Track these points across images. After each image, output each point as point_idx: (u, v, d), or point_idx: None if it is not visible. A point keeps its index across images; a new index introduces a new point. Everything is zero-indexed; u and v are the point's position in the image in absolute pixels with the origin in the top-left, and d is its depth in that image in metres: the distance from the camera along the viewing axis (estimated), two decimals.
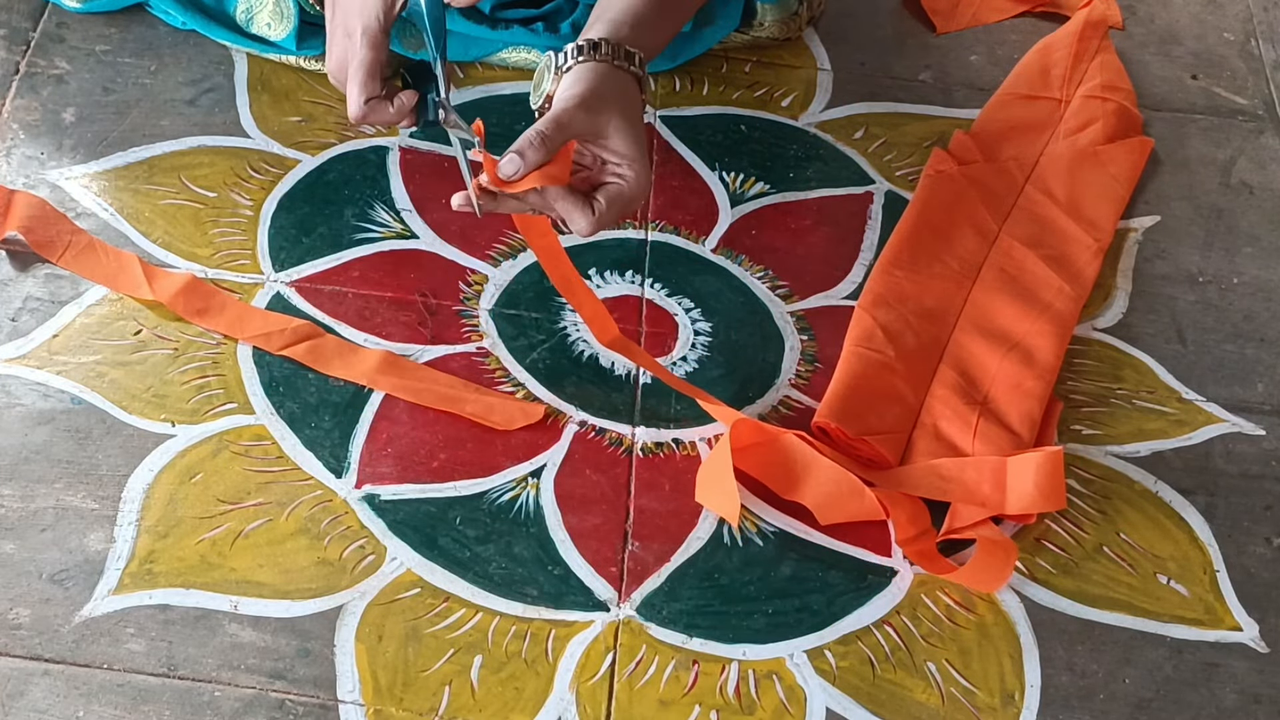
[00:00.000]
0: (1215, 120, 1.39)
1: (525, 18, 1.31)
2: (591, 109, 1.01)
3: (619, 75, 1.04)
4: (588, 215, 1.01)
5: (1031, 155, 1.30)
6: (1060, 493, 1.05)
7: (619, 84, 1.04)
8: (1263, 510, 1.10)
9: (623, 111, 1.02)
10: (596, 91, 1.02)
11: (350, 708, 0.93)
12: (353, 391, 1.08)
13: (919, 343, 1.14)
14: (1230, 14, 1.50)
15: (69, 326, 1.09)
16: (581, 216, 1.01)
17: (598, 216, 1.02)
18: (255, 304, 1.12)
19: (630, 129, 1.02)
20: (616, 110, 1.02)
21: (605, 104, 1.02)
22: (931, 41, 1.43)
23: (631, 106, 1.04)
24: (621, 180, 1.02)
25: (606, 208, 1.02)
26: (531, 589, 0.99)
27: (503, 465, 1.05)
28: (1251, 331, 1.22)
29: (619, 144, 1.02)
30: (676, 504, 1.05)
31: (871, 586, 1.02)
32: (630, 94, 1.05)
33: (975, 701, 0.97)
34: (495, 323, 1.14)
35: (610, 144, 1.02)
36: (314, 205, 1.19)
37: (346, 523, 1.01)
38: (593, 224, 1.02)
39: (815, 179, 1.28)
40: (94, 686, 0.92)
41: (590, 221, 1.01)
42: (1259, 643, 1.03)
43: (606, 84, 1.03)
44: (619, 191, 1.02)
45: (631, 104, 1.04)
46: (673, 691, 0.96)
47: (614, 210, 1.02)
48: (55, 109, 1.23)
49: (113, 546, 0.98)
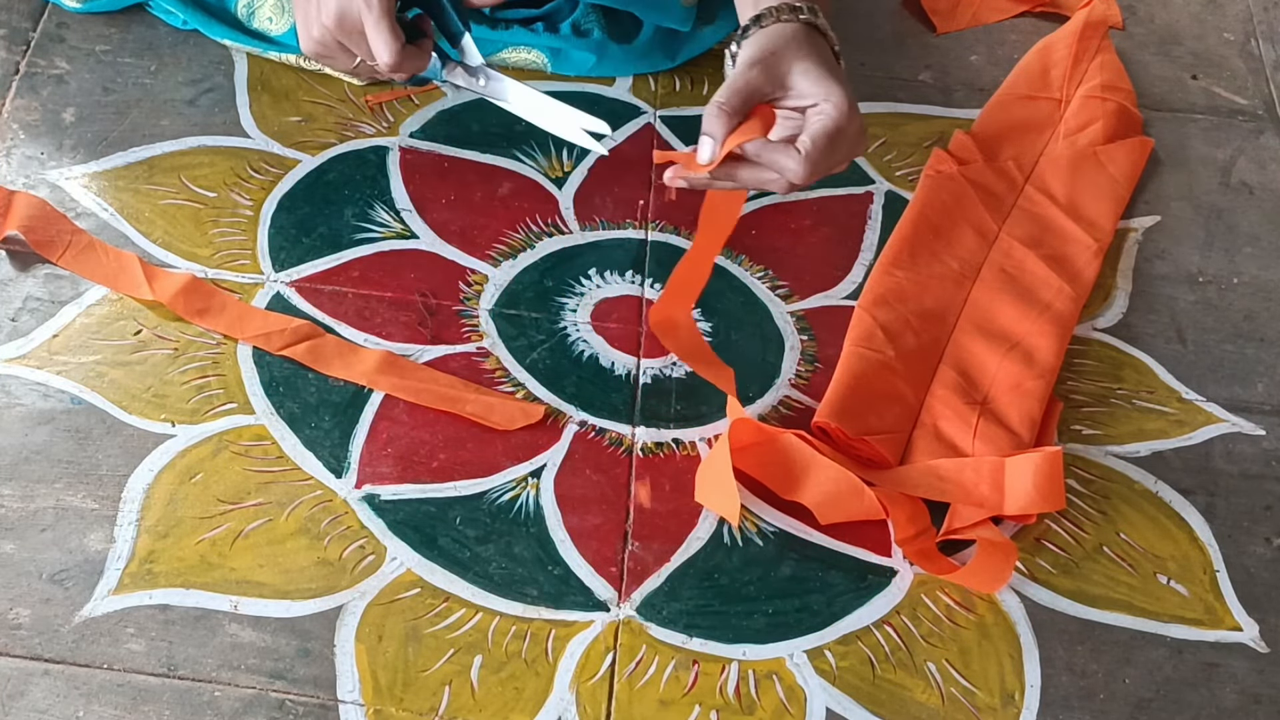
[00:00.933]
0: (1215, 120, 1.39)
1: (525, 18, 1.31)
2: (765, 65, 0.98)
3: (788, 28, 1.00)
4: (794, 156, 0.96)
5: (1031, 155, 1.30)
6: (1059, 493, 1.05)
7: (791, 35, 1.00)
8: (1263, 510, 1.10)
9: (804, 58, 0.99)
10: (766, 48, 0.99)
11: (350, 708, 0.93)
12: (353, 391, 1.08)
13: (919, 343, 1.14)
14: (1230, 14, 1.50)
15: (69, 326, 1.09)
16: (789, 159, 0.96)
17: (805, 155, 0.96)
18: (255, 304, 1.12)
19: (815, 69, 0.98)
20: (794, 59, 0.99)
21: (779, 58, 0.99)
22: (931, 41, 1.43)
23: (814, 52, 1.00)
24: (822, 116, 0.98)
25: (812, 146, 0.97)
26: (531, 589, 0.99)
27: (503, 465, 1.06)
28: (1251, 331, 1.22)
29: (806, 86, 0.98)
30: (676, 504, 1.05)
31: (871, 586, 1.03)
32: (809, 41, 1.00)
33: (975, 701, 0.97)
34: (495, 323, 1.14)
35: (797, 91, 0.98)
36: (314, 205, 1.19)
37: (346, 523, 1.01)
38: (804, 164, 0.97)
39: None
40: (94, 686, 0.92)
41: (800, 161, 0.97)
42: (1259, 643, 1.03)
43: (776, 39, 1.00)
44: (823, 126, 0.97)
45: (813, 50, 1.00)
46: (673, 691, 0.96)
47: (824, 146, 0.97)
48: (55, 109, 1.23)
49: (113, 546, 0.98)
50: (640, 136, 1.28)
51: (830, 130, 0.97)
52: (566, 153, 1.25)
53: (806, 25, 1.01)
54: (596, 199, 1.23)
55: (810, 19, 1.02)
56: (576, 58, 1.31)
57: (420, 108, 1.27)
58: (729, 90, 0.97)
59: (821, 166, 0.97)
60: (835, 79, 0.99)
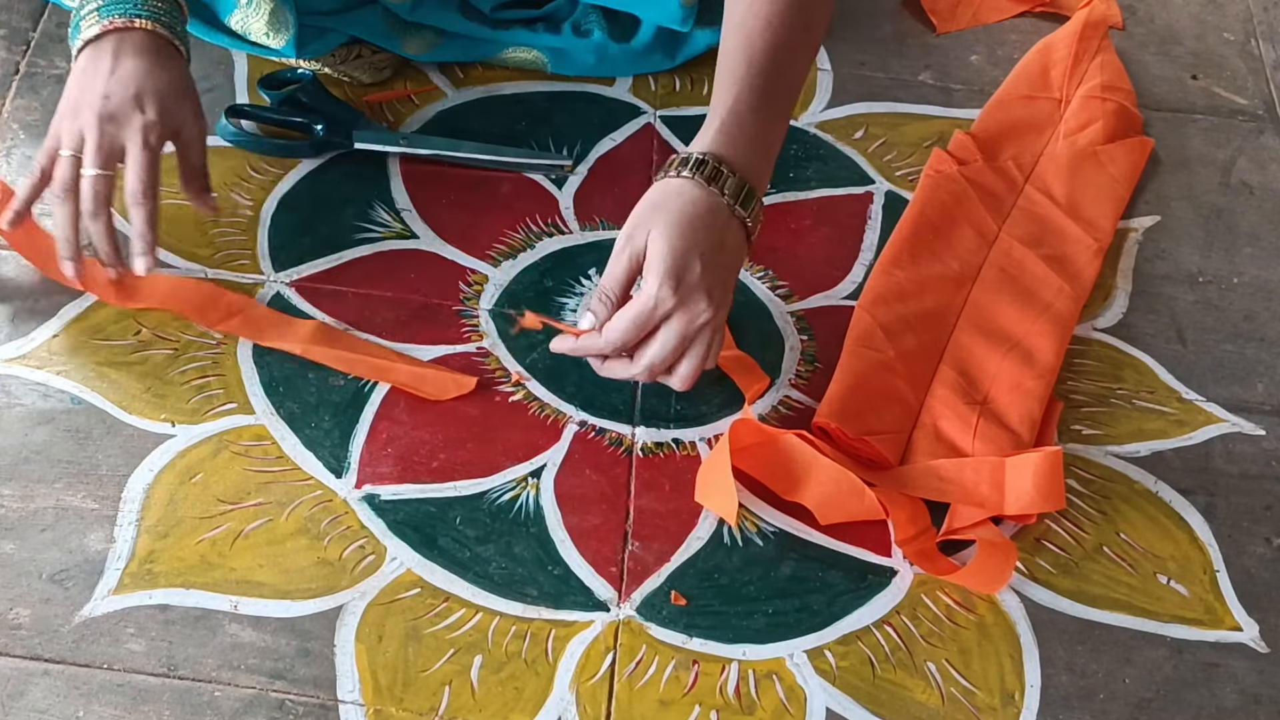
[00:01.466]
0: (1215, 120, 1.39)
1: (525, 18, 1.31)
2: (629, 239, 0.98)
3: (660, 189, 0.99)
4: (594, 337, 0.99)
5: (1031, 155, 1.30)
6: (1059, 493, 1.05)
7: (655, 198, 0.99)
8: (1263, 510, 1.10)
9: (655, 223, 0.97)
10: (631, 222, 0.99)
11: (350, 708, 0.93)
12: (353, 391, 1.08)
13: (919, 343, 1.14)
14: (1230, 14, 1.50)
15: (69, 326, 1.09)
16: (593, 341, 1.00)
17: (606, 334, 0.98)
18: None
19: (660, 238, 0.96)
20: (645, 226, 0.98)
21: (637, 229, 0.98)
22: (931, 41, 1.43)
23: (669, 214, 0.97)
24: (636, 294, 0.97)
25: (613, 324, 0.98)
26: (531, 589, 0.99)
27: (503, 465, 1.06)
28: (1251, 331, 1.22)
29: (646, 258, 0.97)
30: (676, 504, 1.05)
31: (871, 586, 1.02)
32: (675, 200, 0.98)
33: (975, 701, 0.97)
34: (495, 323, 1.14)
35: (644, 263, 0.98)
36: (314, 205, 1.19)
37: (346, 523, 1.01)
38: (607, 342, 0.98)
39: (815, 179, 1.28)
40: (94, 686, 0.92)
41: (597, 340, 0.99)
42: (1259, 643, 1.03)
43: (642, 207, 0.99)
44: (625, 307, 0.98)
45: (671, 211, 0.97)
46: (673, 691, 0.96)
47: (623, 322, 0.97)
48: (55, 109, 1.23)
49: (113, 546, 0.98)
50: (640, 137, 1.28)
51: (633, 310, 0.97)
52: (567, 153, 1.25)
53: (682, 181, 0.99)
54: (596, 199, 1.23)
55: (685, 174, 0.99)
56: (576, 58, 1.31)
57: (420, 107, 1.27)
58: (611, 279, 0.98)
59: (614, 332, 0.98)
60: (672, 258, 0.96)
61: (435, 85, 1.30)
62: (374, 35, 1.27)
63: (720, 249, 0.99)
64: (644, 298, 0.97)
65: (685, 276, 0.97)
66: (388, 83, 1.29)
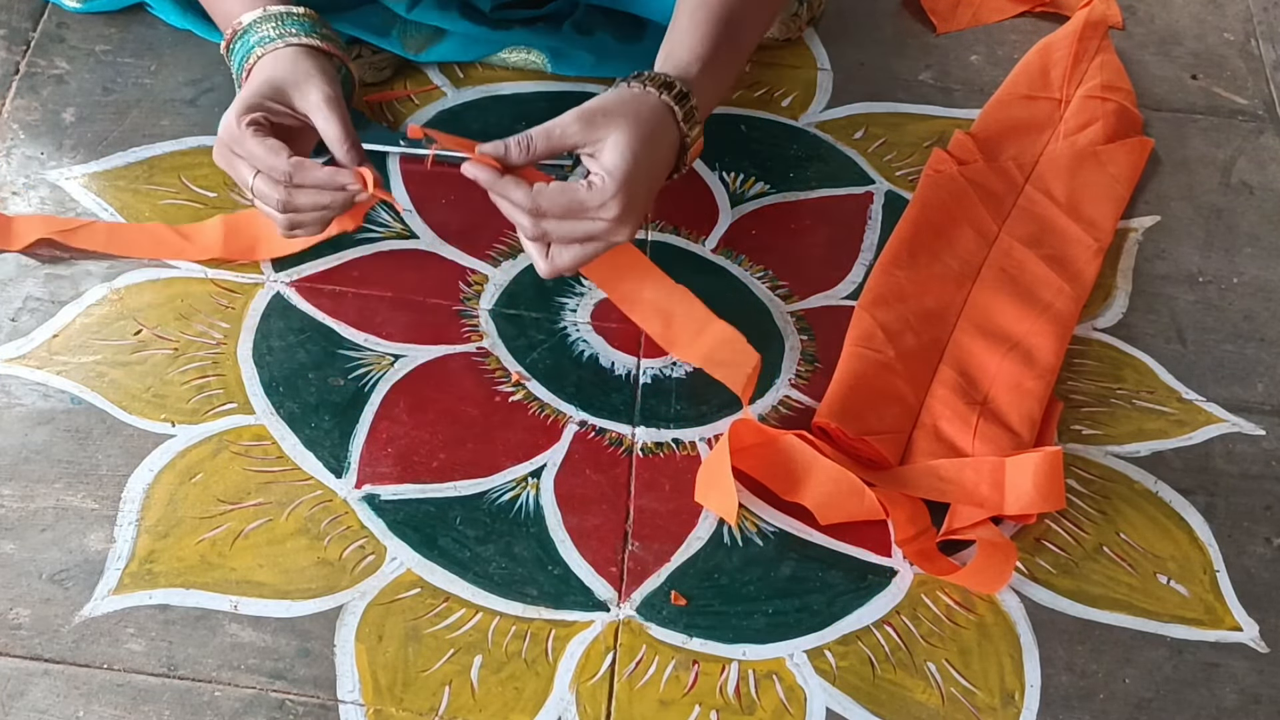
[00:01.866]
0: (1215, 120, 1.39)
1: (526, 18, 1.31)
2: (590, 122, 0.98)
3: (641, 97, 1.00)
4: (524, 190, 0.97)
5: (1031, 155, 1.30)
6: (1059, 493, 1.05)
7: (636, 104, 1.00)
8: (1263, 510, 1.10)
9: (628, 129, 0.98)
10: (602, 107, 0.99)
11: (350, 708, 0.93)
12: (353, 391, 1.08)
13: (919, 343, 1.14)
14: (1230, 14, 1.50)
15: (69, 326, 1.09)
16: (519, 190, 0.97)
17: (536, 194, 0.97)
18: (255, 304, 1.12)
19: (627, 148, 0.97)
20: (619, 127, 0.98)
21: (609, 119, 0.98)
22: (931, 41, 1.43)
23: (643, 127, 0.99)
24: (585, 184, 0.98)
25: (549, 193, 0.97)
26: (531, 589, 0.99)
27: (503, 465, 1.06)
28: (1251, 331, 1.22)
29: (607, 157, 0.97)
30: (676, 504, 1.05)
31: (871, 586, 1.02)
32: (650, 117, 1.00)
33: (975, 701, 0.97)
34: (495, 323, 1.14)
35: (601, 159, 0.98)
36: None
37: (346, 523, 1.01)
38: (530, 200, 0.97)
39: (815, 179, 1.28)
40: (94, 686, 0.92)
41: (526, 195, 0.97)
42: (1259, 643, 1.03)
43: (619, 102, 1.00)
44: (572, 188, 0.97)
45: (645, 125, 0.99)
46: (673, 691, 0.96)
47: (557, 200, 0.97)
48: (55, 109, 1.23)
49: (113, 546, 0.98)
50: None
51: (579, 197, 0.97)
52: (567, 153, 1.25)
53: (664, 105, 1.01)
54: None
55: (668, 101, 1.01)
56: (576, 58, 1.31)
57: (420, 107, 1.28)
58: (543, 130, 0.98)
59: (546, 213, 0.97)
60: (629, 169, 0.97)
61: (435, 85, 1.30)
62: (374, 35, 1.27)
63: (659, 180, 1.03)
64: (595, 193, 0.97)
65: (633, 196, 0.99)
66: (387, 83, 1.29)
